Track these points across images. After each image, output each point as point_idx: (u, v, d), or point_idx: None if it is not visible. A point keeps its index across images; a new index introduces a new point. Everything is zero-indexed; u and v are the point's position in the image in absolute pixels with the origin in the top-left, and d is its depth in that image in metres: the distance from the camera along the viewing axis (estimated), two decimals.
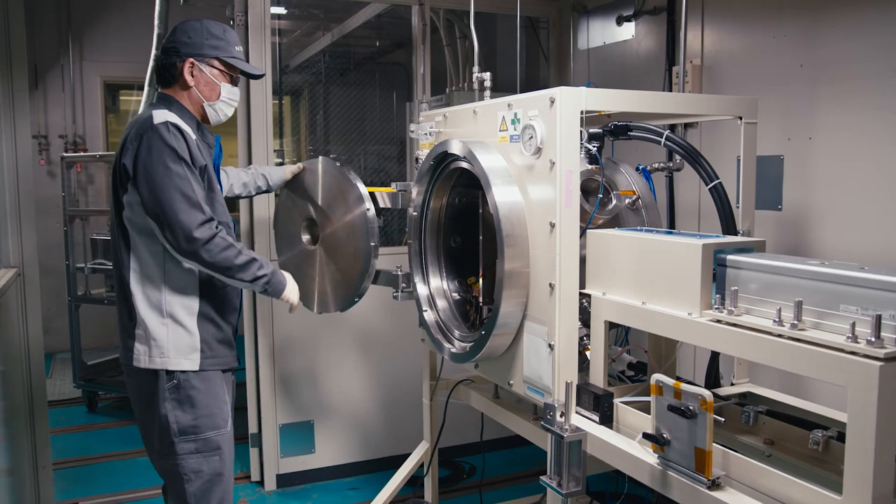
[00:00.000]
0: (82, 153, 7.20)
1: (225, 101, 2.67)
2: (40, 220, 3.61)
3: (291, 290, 2.70)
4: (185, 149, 2.42)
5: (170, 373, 2.47)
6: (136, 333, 2.48)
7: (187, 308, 2.50)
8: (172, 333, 2.47)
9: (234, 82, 2.68)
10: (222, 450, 2.55)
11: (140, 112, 2.64)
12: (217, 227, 2.43)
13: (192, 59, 2.57)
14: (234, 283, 2.52)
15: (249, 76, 2.75)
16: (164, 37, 2.63)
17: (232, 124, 4.24)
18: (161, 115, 2.44)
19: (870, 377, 1.56)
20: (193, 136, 2.49)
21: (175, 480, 2.55)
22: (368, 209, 2.98)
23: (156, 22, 5.32)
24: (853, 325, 1.64)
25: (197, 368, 2.49)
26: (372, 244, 2.97)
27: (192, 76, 2.58)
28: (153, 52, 5.37)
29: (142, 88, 5.49)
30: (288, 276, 2.72)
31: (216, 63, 2.62)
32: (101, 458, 4.86)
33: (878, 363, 1.55)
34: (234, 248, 2.45)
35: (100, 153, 6.95)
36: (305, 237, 3.27)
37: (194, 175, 2.43)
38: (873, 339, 1.58)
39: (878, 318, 1.59)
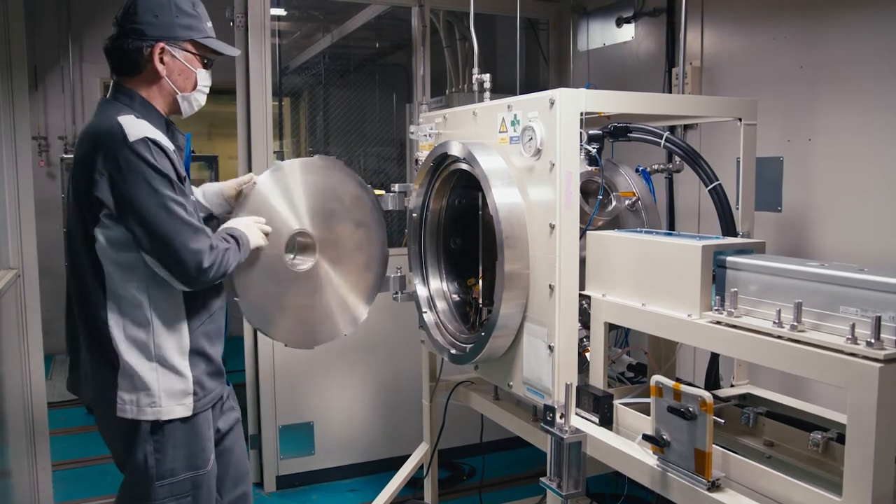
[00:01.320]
0: None
1: (201, 90, 2.30)
2: (40, 221, 3.61)
3: (251, 236, 2.33)
4: (169, 167, 2.07)
5: (158, 422, 2.16)
6: (120, 383, 2.12)
7: (178, 346, 2.17)
8: (163, 378, 2.14)
9: (207, 66, 2.30)
10: (199, 490, 2.26)
11: (94, 114, 2.19)
12: (214, 245, 2.13)
13: (162, 44, 2.15)
14: None
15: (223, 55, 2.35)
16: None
17: (231, 125, 4.24)
18: (133, 127, 2.04)
19: (869, 378, 1.56)
20: (171, 147, 2.12)
21: None
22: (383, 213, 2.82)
23: None
24: (853, 326, 1.64)
25: (190, 414, 2.19)
26: (387, 250, 2.82)
27: (164, 64, 2.17)
28: None
29: None
30: (236, 223, 2.34)
31: (189, 46, 2.21)
32: (101, 459, 4.84)
33: (878, 364, 1.55)
34: (228, 253, 2.17)
35: None
36: (290, 257, 2.61)
37: (185, 195, 2.12)
38: (873, 341, 1.58)
39: (878, 319, 1.59)
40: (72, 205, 2.16)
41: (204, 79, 2.29)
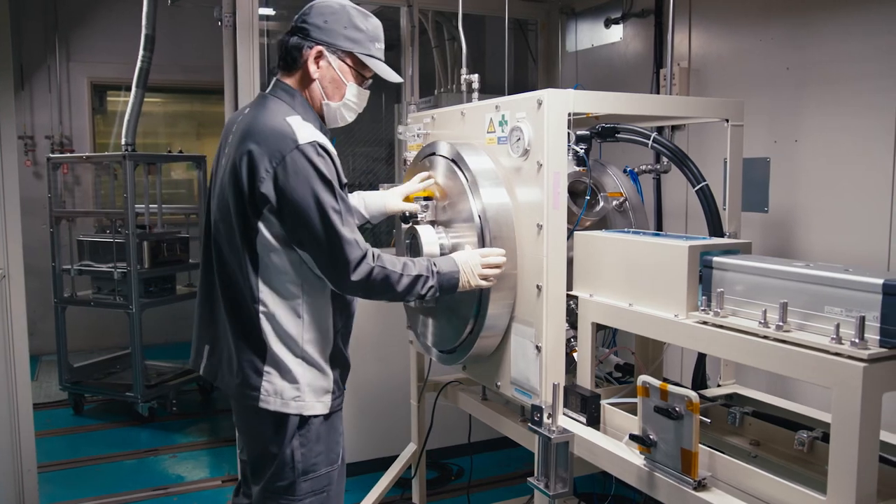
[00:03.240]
0: (69, 154, 7.17)
1: (348, 105, 2.31)
2: (26, 221, 3.59)
3: (468, 271, 2.33)
4: (334, 173, 2.11)
5: (303, 417, 2.21)
6: (266, 372, 2.17)
7: (322, 346, 2.23)
8: (309, 374, 2.20)
9: (363, 83, 2.33)
10: (332, 484, 2.33)
11: (255, 107, 2.23)
12: (373, 259, 2.15)
13: (321, 48, 2.21)
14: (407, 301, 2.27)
15: (383, 79, 2.38)
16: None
17: (219, 125, 4.24)
18: (303, 130, 2.10)
19: (853, 378, 1.57)
20: (335, 151, 2.16)
21: None
22: None
23: (143, 22, 5.33)
24: (837, 326, 1.65)
25: (328, 412, 2.25)
26: None
27: (318, 67, 2.23)
28: (141, 52, 5.38)
29: (129, 89, 5.48)
30: (457, 257, 2.35)
31: (348, 59, 2.26)
32: (88, 460, 4.83)
33: (862, 364, 1.56)
34: (394, 273, 2.18)
35: (87, 154, 6.92)
36: None
37: (345, 203, 2.14)
38: (857, 341, 1.59)
39: (862, 319, 1.60)
40: (227, 195, 2.16)
41: (353, 94, 2.31)
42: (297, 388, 2.19)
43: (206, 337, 2.35)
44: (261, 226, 2.12)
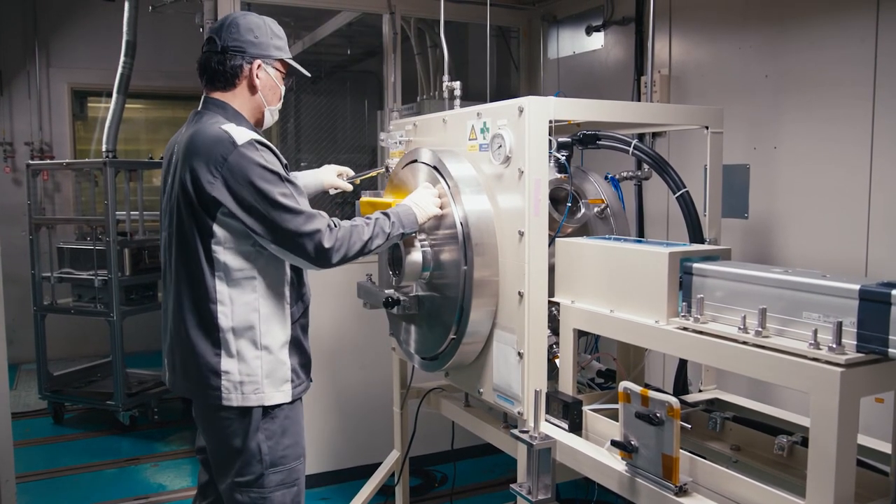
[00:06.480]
0: (49, 161, 7.10)
1: (279, 106, 2.53)
2: (5, 228, 3.57)
3: (425, 207, 2.54)
4: (276, 162, 2.26)
5: (265, 407, 2.31)
6: (224, 371, 2.27)
7: (279, 336, 2.33)
8: (266, 365, 2.30)
9: (286, 84, 2.55)
10: (300, 479, 2.43)
11: (191, 125, 2.36)
12: (333, 224, 2.28)
13: (259, 62, 2.38)
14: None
15: (301, 77, 2.57)
16: (219, 34, 2.38)
17: None
18: (238, 132, 2.23)
19: (831, 383, 1.59)
20: (273, 146, 2.31)
21: None
22: None
23: (124, 28, 5.31)
24: (815, 332, 1.66)
25: (290, 399, 2.36)
26: None
27: (259, 79, 2.40)
28: (122, 58, 5.36)
29: (110, 95, 5.46)
30: (410, 201, 2.54)
31: (279, 65, 2.45)
32: (68, 470, 4.78)
33: (839, 369, 1.58)
34: (356, 229, 2.32)
35: (67, 161, 6.87)
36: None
37: (294, 186, 2.26)
38: (834, 346, 1.61)
39: (839, 325, 1.61)
40: (181, 209, 2.28)
41: (282, 94, 2.52)
42: (256, 380, 2.29)
43: (167, 351, 2.44)
44: (216, 229, 2.24)
